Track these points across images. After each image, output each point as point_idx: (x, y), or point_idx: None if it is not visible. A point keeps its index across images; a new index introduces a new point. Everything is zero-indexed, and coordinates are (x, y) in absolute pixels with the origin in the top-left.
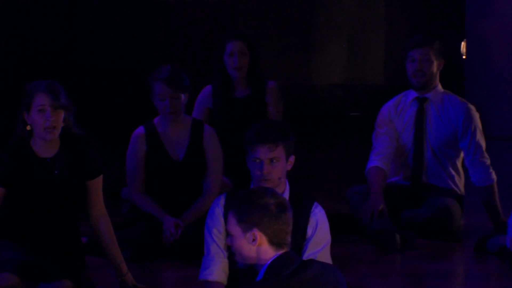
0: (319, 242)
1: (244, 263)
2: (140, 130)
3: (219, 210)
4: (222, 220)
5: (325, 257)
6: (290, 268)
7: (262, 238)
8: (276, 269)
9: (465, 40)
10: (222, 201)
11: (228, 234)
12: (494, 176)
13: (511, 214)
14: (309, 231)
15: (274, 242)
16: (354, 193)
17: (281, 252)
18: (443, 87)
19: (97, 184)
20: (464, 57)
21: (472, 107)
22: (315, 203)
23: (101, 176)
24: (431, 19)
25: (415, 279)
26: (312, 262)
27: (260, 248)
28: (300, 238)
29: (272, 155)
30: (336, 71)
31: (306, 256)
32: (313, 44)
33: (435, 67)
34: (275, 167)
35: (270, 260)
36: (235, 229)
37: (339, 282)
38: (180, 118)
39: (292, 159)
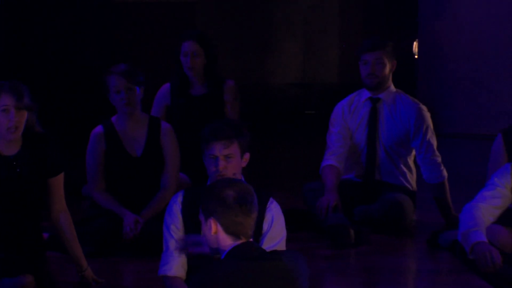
0: (275, 236)
1: (212, 252)
2: (98, 128)
3: (177, 207)
4: (180, 216)
5: (281, 250)
6: (248, 256)
7: (217, 227)
8: (234, 256)
9: (417, 40)
10: (180, 198)
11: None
12: (445, 173)
13: (463, 209)
14: (265, 226)
15: (230, 232)
16: (309, 190)
17: (239, 242)
18: (396, 86)
19: (58, 181)
20: (416, 56)
21: (424, 107)
22: (271, 199)
23: (62, 174)
24: (384, 19)
25: (368, 274)
26: (275, 253)
27: (218, 236)
28: (256, 233)
29: (227, 152)
30: (292, 71)
31: None
32: (269, 44)
33: (387, 69)
34: (230, 163)
35: (229, 248)
36: (201, 217)
37: (298, 274)
38: (137, 114)
39: (247, 156)
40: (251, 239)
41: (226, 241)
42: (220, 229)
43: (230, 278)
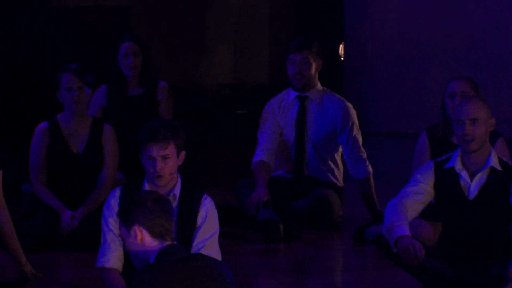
0: (208, 230)
1: (139, 263)
2: (43, 124)
3: (115, 201)
4: (117, 210)
5: (213, 244)
6: (175, 258)
7: (142, 233)
8: (162, 258)
9: (343, 42)
10: (117, 192)
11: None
12: (370, 169)
13: (387, 205)
14: (199, 221)
15: (156, 235)
16: (241, 186)
17: (165, 244)
18: (324, 86)
19: None
20: (342, 58)
21: (350, 105)
22: (205, 195)
23: (1, 171)
24: (312, 22)
25: (298, 268)
26: (199, 254)
27: (144, 242)
28: (190, 227)
29: (164, 153)
30: (224, 72)
31: (196, 243)
32: (202, 46)
33: (313, 69)
34: (167, 163)
35: (157, 251)
36: (122, 231)
37: (224, 274)
38: (83, 113)
39: (183, 154)
40: (175, 242)
41: (153, 245)
42: (145, 234)
43: (163, 281)
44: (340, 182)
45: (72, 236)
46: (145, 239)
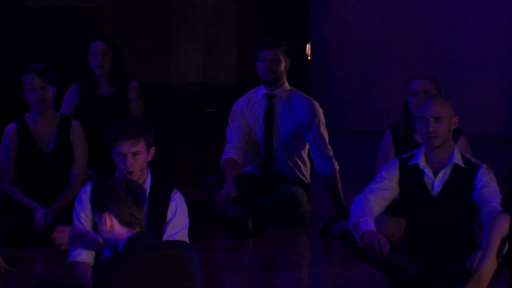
0: (178, 224)
1: (110, 249)
2: (12, 125)
3: (86, 196)
4: (89, 205)
5: (183, 237)
6: (141, 245)
7: (112, 220)
8: (128, 246)
9: (309, 42)
10: (89, 188)
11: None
12: (336, 166)
13: (353, 201)
14: (169, 215)
15: (124, 223)
16: (210, 183)
17: (134, 232)
18: (291, 85)
19: None
20: (309, 58)
21: (317, 104)
22: (175, 190)
23: None
24: (279, 23)
25: (266, 263)
26: (169, 242)
27: (114, 230)
28: (161, 221)
29: (134, 150)
30: (193, 72)
31: (166, 237)
32: (171, 46)
33: (283, 66)
34: (138, 160)
35: (126, 239)
36: (96, 217)
37: (194, 261)
38: (49, 112)
39: (152, 150)
40: (145, 230)
41: (122, 232)
42: (115, 221)
43: (130, 267)
44: (307, 178)
45: (45, 232)
46: (114, 226)
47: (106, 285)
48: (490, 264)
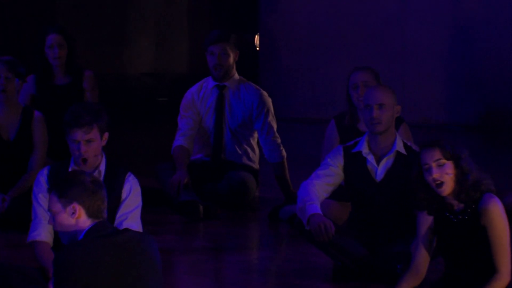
0: (131, 204)
1: (67, 239)
2: None
3: (43, 179)
4: (46, 186)
5: (135, 217)
6: (100, 234)
7: (81, 211)
8: (91, 235)
9: (258, 33)
10: (45, 171)
11: (50, 213)
12: (284, 153)
13: (300, 186)
14: (123, 195)
15: (91, 214)
16: (162, 169)
17: (95, 222)
18: (240, 75)
19: None
20: (257, 48)
21: (265, 93)
22: (129, 173)
23: None
24: (229, 14)
25: (216, 245)
26: (125, 230)
27: (79, 220)
28: (115, 201)
29: (88, 137)
30: (145, 62)
31: (119, 215)
32: (124, 37)
33: (231, 59)
34: (91, 146)
35: (88, 228)
36: (57, 206)
37: (150, 248)
38: (13, 103)
39: (106, 135)
40: (103, 219)
41: (86, 223)
42: (83, 212)
43: (88, 256)
44: (256, 165)
45: (2, 217)
46: (81, 217)
47: (66, 273)
48: (423, 255)
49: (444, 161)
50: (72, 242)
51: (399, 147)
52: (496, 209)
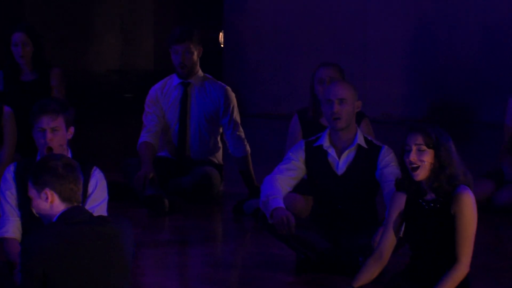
0: (98, 198)
1: (46, 220)
2: None
3: (10, 175)
4: (13, 183)
5: (102, 211)
6: (77, 218)
7: (53, 196)
8: (64, 219)
9: (222, 31)
10: (12, 168)
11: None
12: (248, 148)
13: (263, 180)
14: (90, 189)
15: (64, 198)
16: (128, 164)
17: (70, 206)
18: (205, 72)
19: None
20: (222, 45)
21: (230, 89)
22: (95, 167)
23: None
24: (194, 12)
25: (181, 238)
26: (102, 217)
27: (53, 204)
28: (82, 195)
29: (54, 125)
30: (111, 59)
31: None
32: (91, 34)
33: (195, 57)
34: (56, 135)
35: (61, 212)
36: (32, 192)
37: (126, 232)
38: None
39: (72, 129)
40: (80, 204)
41: (60, 208)
42: (56, 197)
43: (58, 239)
44: (220, 160)
45: None
46: (54, 202)
47: (29, 256)
48: (389, 240)
49: (424, 147)
50: (45, 224)
51: (360, 141)
52: (468, 200)
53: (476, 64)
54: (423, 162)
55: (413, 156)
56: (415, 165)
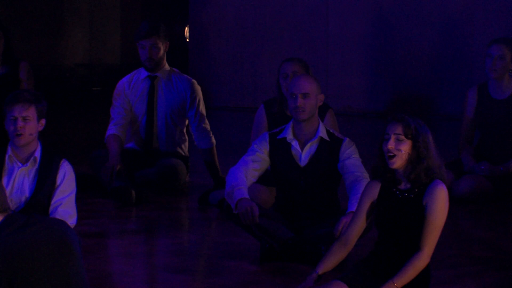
0: (66, 190)
1: None
2: None
3: None
4: None
5: (70, 203)
6: (16, 225)
7: None
8: (3, 228)
9: (188, 25)
10: None
11: None
12: (213, 140)
13: (228, 172)
14: (58, 181)
15: None
16: (96, 157)
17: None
18: (171, 65)
19: None
20: (187, 40)
21: (196, 82)
22: (64, 159)
23: None
24: (160, 7)
25: (148, 228)
26: (35, 217)
27: None
28: (50, 187)
29: (25, 114)
30: (79, 53)
31: (54, 201)
32: (59, 29)
33: (162, 51)
34: (28, 124)
35: None
36: None
37: (67, 233)
38: None
39: (43, 121)
40: (11, 212)
41: None
42: None
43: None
44: (186, 152)
45: None
46: None
47: None
48: (357, 227)
49: (402, 137)
50: None
51: (323, 133)
52: (441, 193)
53: (435, 58)
54: (400, 151)
55: (390, 145)
56: (391, 154)
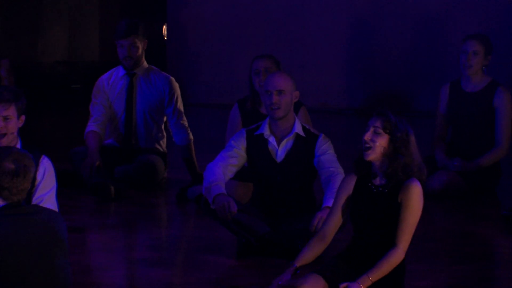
0: (47, 186)
1: None
2: None
3: None
4: None
5: (51, 199)
6: (11, 212)
7: None
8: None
9: (166, 23)
10: None
11: None
12: (191, 136)
13: (206, 168)
14: (38, 177)
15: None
16: (75, 152)
17: (7, 202)
18: (149, 63)
19: None
20: (165, 38)
21: (174, 79)
22: (44, 155)
23: None
24: (138, 5)
25: (127, 223)
26: (37, 208)
27: None
28: (31, 183)
29: (6, 113)
30: (59, 50)
31: (35, 198)
32: (39, 26)
33: (140, 50)
34: (9, 124)
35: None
36: None
37: (58, 224)
38: None
39: (23, 118)
40: (22, 201)
41: None
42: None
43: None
44: (164, 148)
45: None
46: None
47: None
48: (334, 221)
49: (380, 130)
50: None
51: (298, 129)
52: (416, 191)
53: (410, 55)
54: (375, 143)
55: (367, 136)
56: (367, 145)
